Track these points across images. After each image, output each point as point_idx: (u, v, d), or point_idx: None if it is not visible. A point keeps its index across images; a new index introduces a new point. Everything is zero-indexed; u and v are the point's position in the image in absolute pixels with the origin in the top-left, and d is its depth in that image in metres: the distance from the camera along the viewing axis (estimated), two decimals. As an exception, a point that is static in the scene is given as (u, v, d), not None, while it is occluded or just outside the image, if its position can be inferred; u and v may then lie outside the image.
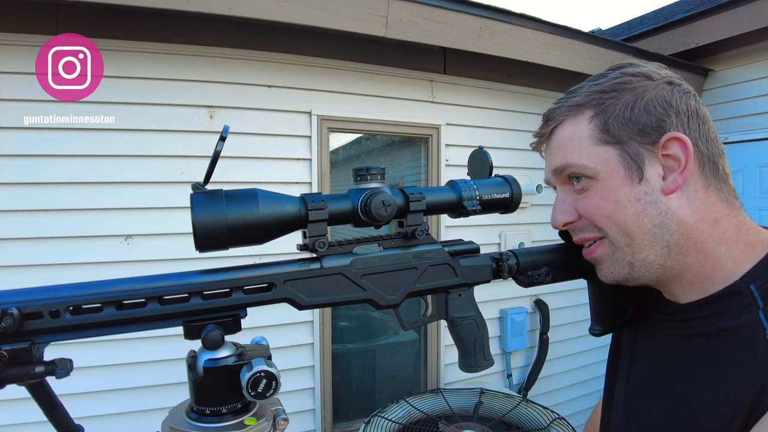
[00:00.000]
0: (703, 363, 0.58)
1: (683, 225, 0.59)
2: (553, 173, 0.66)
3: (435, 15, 2.45)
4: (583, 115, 0.63)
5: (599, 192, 0.62)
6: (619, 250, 0.62)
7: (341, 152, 2.82)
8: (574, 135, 0.63)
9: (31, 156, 2.01)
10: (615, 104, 0.61)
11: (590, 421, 0.93)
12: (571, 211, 0.65)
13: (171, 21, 2.12)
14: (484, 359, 0.68)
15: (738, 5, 3.11)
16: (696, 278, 0.61)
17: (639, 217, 0.60)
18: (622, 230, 0.61)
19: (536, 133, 0.69)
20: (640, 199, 0.59)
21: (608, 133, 0.61)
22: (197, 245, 0.51)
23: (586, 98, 0.63)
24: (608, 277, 0.65)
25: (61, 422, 0.56)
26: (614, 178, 0.60)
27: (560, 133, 0.65)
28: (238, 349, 0.56)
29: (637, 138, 0.60)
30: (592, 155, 0.61)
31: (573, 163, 0.63)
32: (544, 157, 0.70)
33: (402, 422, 2.19)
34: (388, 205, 0.59)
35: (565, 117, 0.64)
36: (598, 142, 0.61)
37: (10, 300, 0.46)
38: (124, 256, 2.15)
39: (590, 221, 0.64)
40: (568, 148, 0.63)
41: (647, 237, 0.60)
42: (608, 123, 0.61)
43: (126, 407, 2.14)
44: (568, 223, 0.66)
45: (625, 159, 0.60)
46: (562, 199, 0.67)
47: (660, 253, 0.60)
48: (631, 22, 5.61)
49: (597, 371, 3.46)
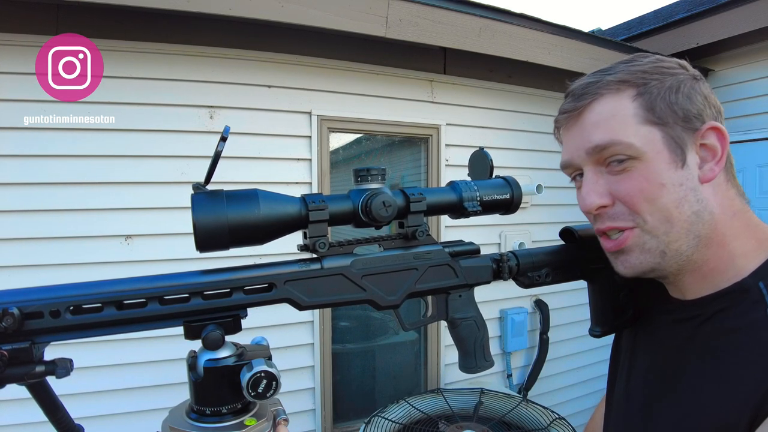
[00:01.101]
0: (708, 361, 0.57)
1: (712, 216, 0.59)
2: (589, 152, 0.61)
3: (435, 15, 2.45)
4: (626, 92, 0.60)
5: (644, 173, 0.58)
6: (654, 239, 0.59)
7: (341, 152, 2.82)
8: (617, 112, 0.59)
9: (31, 156, 2.01)
10: (659, 86, 0.59)
11: (592, 422, 0.93)
12: (606, 194, 0.61)
13: (171, 21, 2.12)
14: (484, 360, 0.68)
15: (738, 5, 3.11)
16: (710, 272, 0.60)
17: (681, 202, 0.58)
18: (663, 216, 0.58)
19: (566, 108, 0.64)
20: (682, 184, 0.58)
21: (654, 113, 0.58)
22: (198, 245, 0.51)
23: (629, 75, 0.60)
24: (634, 267, 0.62)
25: (61, 422, 0.56)
26: (659, 160, 0.58)
27: (598, 109, 0.60)
28: (239, 350, 0.56)
29: (681, 123, 0.58)
30: (637, 134, 0.58)
31: (619, 140, 0.58)
32: (567, 135, 0.65)
33: (402, 422, 2.19)
34: (389, 205, 0.59)
35: (605, 92, 0.60)
36: (644, 121, 0.58)
37: (11, 300, 0.46)
38: (125, 257, 2.15)
39: (629, 206, 0.60)
40: (610, 126, 0.59)
41: (685, 225, 0.58)
42: (654, 103, 0.58)
43: (126, 407, 2.14)
44: (601, 207, 0.61)
45: (670, 142, 0.58)
46: (594, 180, 0.62)
47: (691, 243, 0.59)
48: (631, 22, 5.61)
49: (597, 371, 3.46)
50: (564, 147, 0.66)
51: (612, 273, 0.75)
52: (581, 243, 0.74)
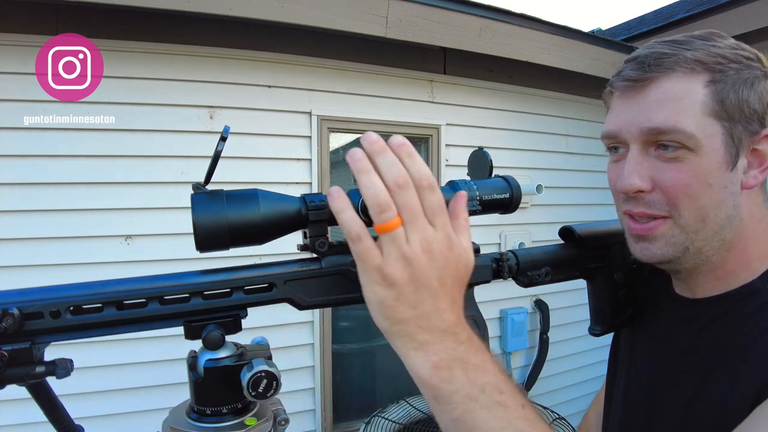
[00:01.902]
0: (713, 361, 0.57)
1: (741, 222, 0.57)
2: (644, 131, 0.56)
3: (435, 15, 2.45)
4: (700, 76, 0.54)
5: (693, 168, 0.54)
6: (683, 234, 0.56)
7: (341, 152, 2.82)
8: (686, 95, 0.54)
9: (31, 156, 2.02)
10: (735, 77, 0.54)
11: (585, 421, 0.92)
12: (648, 179, 0.56)
13: (171, 21, 2.12)
14: (484, 359, 0.68)
15: (738, 5, 3.11)
16: (725, 274, 0.59)
17: (719, 205, 0.55)
18: (699, 215, 0.55)
19: (630, 75, 0.57)
20: (726, 186, 0.55)
21: (723, 106, 0.54)
22: (198, 245, 0.51)
23: (708, 57, 0.54)
24: (654, 256, 0.59)
25: (61, 422, 0.56)
26: (713, 158, 0.54)
27: (667, 87, 0.55)
28: (239, 350, 0.56)
29: (744, 122, 0.54)
30: (701, 125, 0.54)
31: (683, 129, 0.54)
32: (622, 104, 0.59)
33: (402, 422, 2.19)
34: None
35: (678, 69, 0.55)
36: (710, 112, 0.54)
37: (11, 300, 0.46)
38: (125, 257, 2.15)
39: (669, 197, 0.56)
40: (676, 109, 0.54)
41: (715, 228, 0.56)
42: (726, 95, 0.54)
43: (126, 407, 2.14)
44: (640, 191, 0.57)
45: (728, 140, 0.54)
46: (639, 161, 0.57)
47: (715, 246, 0.57)
48: (631, 22, 5.62)
49: (597, 371, 3.46)
50: (613, 115, 0.60)
51: (611, 272, 0.75)
52: (581, 242, 0.74)
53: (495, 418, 0.43)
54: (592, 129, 3.37)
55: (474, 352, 0.46)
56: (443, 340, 0.45)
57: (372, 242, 0.44)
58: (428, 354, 0.44)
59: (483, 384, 0.44)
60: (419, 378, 0.45)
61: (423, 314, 0.44)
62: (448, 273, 0.45)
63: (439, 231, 0.44)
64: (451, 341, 0.45)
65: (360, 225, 0.44)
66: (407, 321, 0.45)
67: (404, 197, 0.43)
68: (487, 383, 0.44)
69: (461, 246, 0.46)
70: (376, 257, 0.44)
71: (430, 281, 0.44)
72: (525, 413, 0.45)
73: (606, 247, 0.75)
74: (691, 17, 3.47)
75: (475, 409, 0.44)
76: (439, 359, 0.44)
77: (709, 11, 3.32)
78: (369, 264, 0.44)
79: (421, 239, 0.43)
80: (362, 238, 0.43)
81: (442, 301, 0.45)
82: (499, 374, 0.46)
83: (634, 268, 0.76)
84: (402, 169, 0.44)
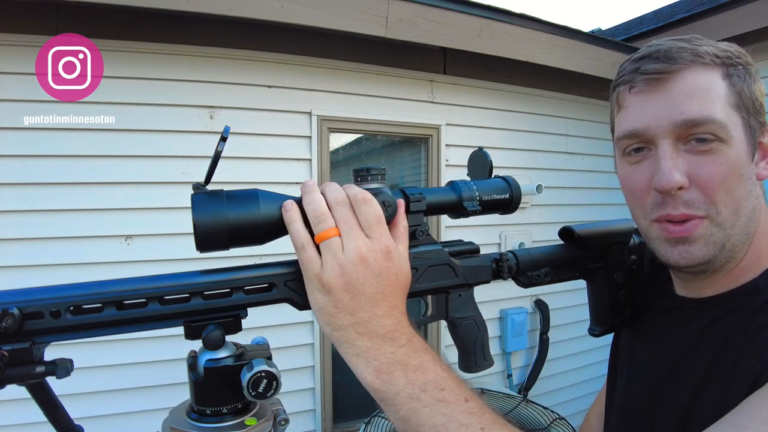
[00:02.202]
0: (714, 360, 0.57)
1: (759, 213, 0.58)
2: (678, 124, 0.54)
3: (435, 15, 2.45)
4: (716, 69, 0.55)
5: (728, 159, 0.54)
6: (721, 231, 0.55)
7: (341, 152, 2.82)
8: (712, 87, 0.54)
9: (31, 156, 2.02)
10: (744, 73, 0.56)
11: (586, 422, 0.93)
12: (685, 175, 0.55)
13: (171, 21, 2.12)
14: (484, 360, 0.68)
15: (738, 5, 3.11)
16: (739, 270, 0.59)
17: (748, 197, 0.56)
18: (734, 208, 0.55)
19: (650, 68, 0.56)
20: (750, 177, 0.56)
21: (741, 98, 0.55)
22: (198, 245, 0.51)
23: (720, 52, 0.56)
24: (695, 258, 0.56)
25: (61, 422, 0.56)
26: (741, 149, 0.55)
27: (692, 78, 0.54)
28: (239, 350, 0.56)
29: (756, 115, 0.56)
30: (729, 116, 0.54)
31: (717, 119, 0.53)
32: (644, 100, 0.57)
33: (402, 422, 2.19)
34: (389, 205, 0.59)
35: (698, 62, 0.55)
36: (733, 104, 0.54)
37: (11, 300, 0.46)
38: (124, 257, 2.15)
39: (706, 192, 0.54)
40: (706, 100, 0.53)
41: (744, 220, 0.56)
42: (741, 87, 0.55)
43: (126, 407, 2.14)
44: (681, 187, 0.55)
45: (748, 132, 0.55)
46: (674, 157, 0.55)
47: (743, 239, 0.57)
48: (631, 22, 5.62)
49: (597, 371, 3.46)
50: (635, 112, 0.58)
51: (611, 272, 0.75)
52: (581, 243, 0.74)
53: (437, 415, 0.46)
54: (592, 129, 3.37)
55: (414, 354, 0.48)
56: (382, 346, 0.48)
57: (315, 252, 0.48)
58: (369, 359, 0.48)
59: (423, 383, 0.47)
60: (363, 382, 0.48)
61: (360, 321, 0.48)
62: (386, 281, 0.49)
63: (375, 241, 0.49)
64: (390, 346, 0.48)
65: (305, 236, 0.49)
66: (346, 327, 0.48)
67: (341, 211, 0.49)
68: (427, 382, 0.47)
69: (400, 255, 0.51)
70: (317, 266, 0.48)
71: (365, 288, 0.48)
72: (468, 406, 0.47)
73: (606, 248, 0.75)
74: (691, 17, 3.46)
75: (418, 408, 0.46)
76: (379, 363, 0.47)
77: (709, 11, 3.31)
78: (310, 272, 0.48)
79: (356, 248, 0.48)
80: (305, 248, 0.48)
81: (379, 307, 0.48)
82: (440, 372, 0.48)
83: (634, 269, 0.76)
84: (343, 192, 0.50)
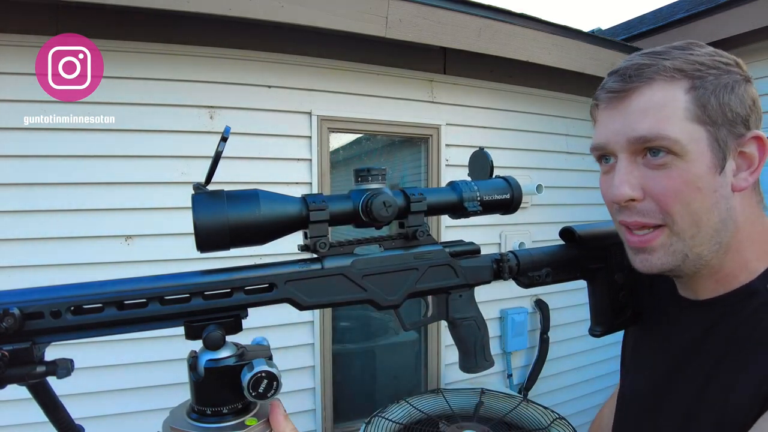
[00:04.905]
0: (716, 360, 0.58)
1: (736, 224, 0.58)
2: (631, 140, 0.57)
3: (435, 15, 2.45)
4: (679, 83, 0.56)
5: (681, 174, 0.55)
6: (680, 242, 0.57)
7: (341, 152, 2.82)
8: (668, 102, 0.55)
9: (31, 156, 2.01)
10: (715, 83, 0.55)
11: (599, 418, 0.92)
12: (638, 187, 0.57)
13: (171, 21, 2.12)
14: (484, 360, 0.68)
15: (738, 5, 3.11)
16: (725, 277, 0.60)
17: (711, 209, 0.56)
18: (692, 220, 0.56)
19: (612, 87, 0.59)
20: (716, 190, 0.56)
21: (705, 111, 0.55)
22: (198, 245, 0.51)
23: (686, 65, 0.56)
24: (654, 267, 0.60)
25: (61, 422, 0.56)
26: (701, 162, 0.55)
27: (649, 95, 0.56)
28: (239, 350, 0.56)
29: (728, 126, 0.55)
30: (685, 131, 0.55)
31: (667, 135, 0.55)
32: (607, 116, 0.60)
33: (402, 422, 2.19)
34: (390, 205, 0.59)
35: (658, 78, 0.56)
36: (693, 118, 0.55)
37: (12, 300, 0.46)
38: (125, 257, 2.15)
39: (661, 204, 0.57)
40: (659, 116, 0.55)
41: (710, 231, 0.56)
42: (708, 100, 0.55)
43: (127, 407, 2.14)
44: (632, 199, 0.58)
45: (714, 145, 0.55)
46: (629, 171, 0.58)
47: (713, 249, 0.57)
48: (631, 22, 5.61)
49: (597, 371, 3.46)
50: (600, 127, 0.62)
51: (611, 273, 0.75)
52: (581, 243, 0.74)
53: None
54: (592, 129, 3.36)
55: None
56: None
57: None
58: None
59: None
60: None
61: None
62: None
63: None
64: None
65: None
66: None
67: None
68: None
69: None
70: None
71: None
72: None
73: (606, 248, 0.75)
74: (690, 17, 3.46)
75: None
76: None
77: (709, 11, 3.31)
78: None
79: None
80: None
81: None
82: None
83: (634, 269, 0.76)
84: None
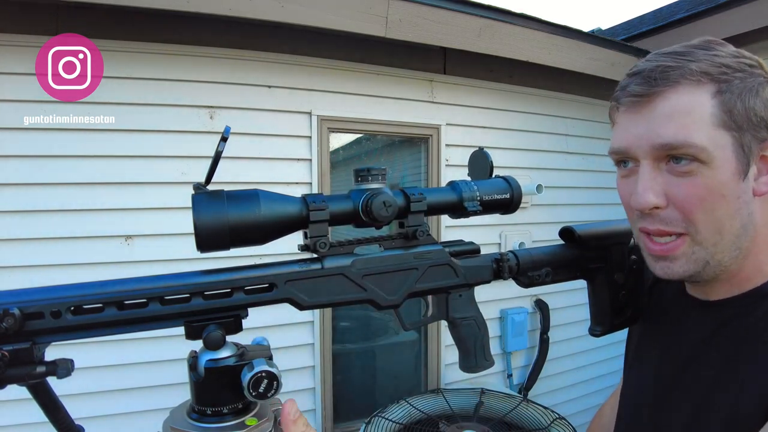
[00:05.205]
0: (724, 360, 0.57)
1: (755, 229, 0.57)
2: (656, 147, 0.55)
3: (435, 15, 2.45)
4: (705, 87, 0.54)
5: (706, 181, 0.54)
6: (703, 249, 0.56)
7: (341, 152, 2.82)
8: (694, 108, 0.54)
9: (31, 156, 2.01)
10: (741, 87, 0.54)
11: (599, 416, 0.92)
12: (662, 195, 0.56)
13: (171, 21, 2.12)
14: (484, 359, 0.68)
15: (738, 5, 3.11)
16: (741, 280, 0.59)
17: (734, 215, 0.55)
18: (715, 228, 0.55)
19: (635, 90, 0.56)
20: (740, 197, 0.55)
21: (731, 116, 0.53)
22: (198, 245, 0.51)
23: (712, 67, 0.54)
24: (676, 274, 0.58)
25: (61, 423, 0.56)
26: (726, 169, 0.54)
27: (674, 100, 0.54)
28: (239, 350, 0.56)
29: (753, 130, 0.54)
30: (711, 137, 0.53)
31: (693, 143, 0.53)
32: (629, 120, 0.58)
33: (402, 422, 2.19)
34: (389, 205, 0.59)
35: (683, 81, 0.54)
36: (719, 124, 0.53)
37: (12, 300, 0.46)
38: (125, 257, 2.15)
39: (684, 212, 0.55)
40: (685, 123, 0.53)
41: (731, 238, 0.56)
42: (734, 104, 0.53)
43: (127, 408, 2.14)
44: (656, 207, 0.56)
45: (738, 150, 0.54)
46: (652, 177, 0.56)
47: (733, 255, 0.57)
48: (631, 22, 5.61)
49: (597, 371, 3.46)
50: (621, 131, 0.60)
51: (611, 272, 0.75)
52: (581, 243, 0.74)
53: None
54: (592, 129, 3.37)
55: None
56: None
57: None
58: None
59: None
60: None
61: None
62: None
63: None
64: None
65: None
66: None
67: None
68: None
69: None
70: None
71: None
72: None
73: (606, 248, 0.75)
74: (690, 17, 3.46)
75: None
76: None
77: (709, 11, 3.31)
78: None
79: None
80: None
81: None
82: None
83: (635, 269, 0.76)
84: None
